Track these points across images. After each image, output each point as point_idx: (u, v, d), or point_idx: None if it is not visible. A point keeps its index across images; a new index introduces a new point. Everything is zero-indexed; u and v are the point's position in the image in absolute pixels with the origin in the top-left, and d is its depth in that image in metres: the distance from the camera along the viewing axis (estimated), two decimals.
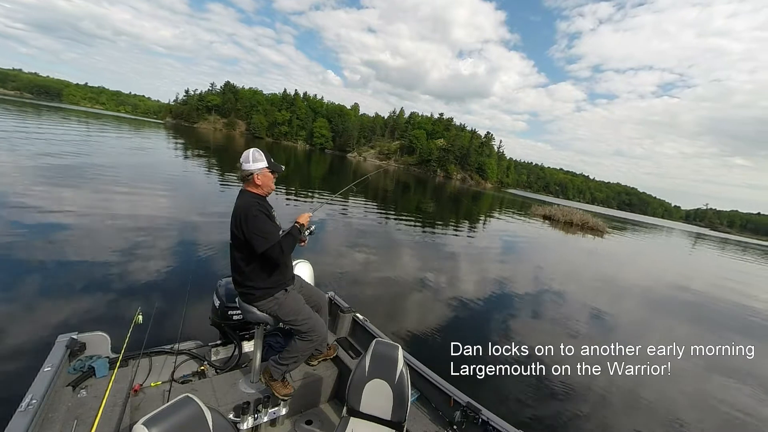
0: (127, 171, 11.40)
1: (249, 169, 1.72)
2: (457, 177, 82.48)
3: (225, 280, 2.26)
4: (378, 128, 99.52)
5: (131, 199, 8.15)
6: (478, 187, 73.12)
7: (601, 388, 3.54)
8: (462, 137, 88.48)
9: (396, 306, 4.95)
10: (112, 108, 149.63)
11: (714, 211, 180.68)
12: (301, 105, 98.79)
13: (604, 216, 43.24)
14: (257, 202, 1.69)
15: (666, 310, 7.79)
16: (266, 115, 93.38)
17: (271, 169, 1.77)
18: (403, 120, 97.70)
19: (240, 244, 1.70)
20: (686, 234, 57.70)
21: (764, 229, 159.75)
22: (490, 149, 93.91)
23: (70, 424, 1.49)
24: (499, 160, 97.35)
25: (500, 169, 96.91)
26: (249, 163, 1.72)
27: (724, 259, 25.30)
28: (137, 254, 5.01)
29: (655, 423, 3.27)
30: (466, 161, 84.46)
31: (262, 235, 1.63)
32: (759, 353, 2.48)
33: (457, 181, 76.86)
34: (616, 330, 5.75)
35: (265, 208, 1.73)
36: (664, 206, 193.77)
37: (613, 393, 3.52)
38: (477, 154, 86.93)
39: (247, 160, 1.73)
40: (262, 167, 1.74)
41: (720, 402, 3.96)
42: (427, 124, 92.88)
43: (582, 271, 10.27)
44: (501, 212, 26.28)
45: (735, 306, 9.33)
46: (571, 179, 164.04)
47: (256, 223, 1.63)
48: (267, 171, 1.75)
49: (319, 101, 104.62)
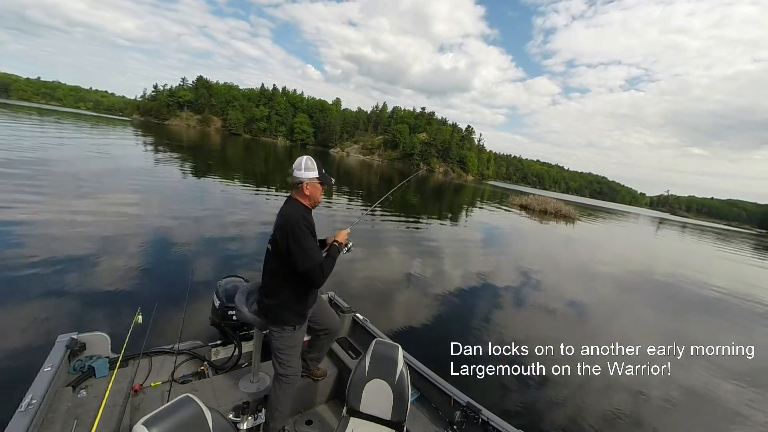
0: (107, 173, 10.89)
1: (300, 177, 1.65)
2: (439, 170, 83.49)
3: (225, 281, 2.28)
4: (361, 123, 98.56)
5: (130, 201, 8.03)
6: (459, 180, 74.44)
7: (601, 388, 3.52)
8: (443, 131, 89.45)
9: (395, 306, 4.94)
10: (71, 104, 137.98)
11: (674, 197, 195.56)
12: (280, 100, 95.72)
13: (577, 204, 45.34)
14: (305, 216, 1.62)
15: (657, 298, 8.18)
16: (243, 111, 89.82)
17: (321, 180, 1.69)
18: (386, 114, 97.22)
19: (279, 254, 1.61)
20: (650, 219, 61.03)
21: (716, 213, 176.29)
22: (470, 142, 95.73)
23: (70, 424, 1.48)
24: (479, 153, 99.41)
25: (481, 161, 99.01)
26: (301, 171, 1.66)
27: (684, 243, 27.45)
28: (137, 254, 4.98)
29: (656, 423, 3.25)
30: (448, 155, 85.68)
31: (306, 252, 1.55)
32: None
33: (439, 175, 77.78)
34: (612, 325, 5.73)
35: (311, 223, 1.65)
36: (631, 194, 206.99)
37: (613, 393, 3.51)
38: (458, 148, 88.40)
39: (299, 167, 1.66)
40: (313, 177, 1.66)
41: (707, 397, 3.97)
42: (410, 119, 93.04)
43: (568, 261, 10.87)
44: (483, 203, 27.00)
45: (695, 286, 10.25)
46: (548, 170, 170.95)
47: (303, 240, 1.55)
48: (317, 182, 1.68)
49: (299, 96, 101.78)
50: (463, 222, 15.59)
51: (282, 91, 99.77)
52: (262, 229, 7.41)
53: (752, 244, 34.60)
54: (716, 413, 3.71)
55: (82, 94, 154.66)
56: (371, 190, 21.03)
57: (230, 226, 7.30)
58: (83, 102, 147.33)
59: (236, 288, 2.16)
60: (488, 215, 19.49)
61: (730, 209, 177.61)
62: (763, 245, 36.04)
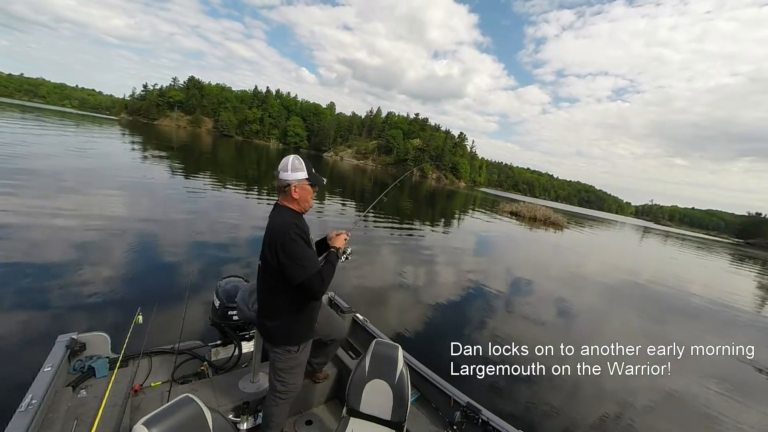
0: (109, 171, 10.82)
1: (286, 180, 1.47)
2: (432, 176, 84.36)
3: (225, 281, 2.28)
4: (355, 127, 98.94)
5: (129, 201, 8.00)
6: (452, 186, 75.24)
7: (601, 388, 3.51)
8: (437, 137, 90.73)
9: (394, 307, 4.95)
10: (55, 102, 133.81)
11: (658, 207, 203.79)
12: (274, 103, 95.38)
13: (566, 212, 46.35)
14: (295, 224, 1.44)
15: (644, 302, 8.50)
16: (236, 113, 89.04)
17: (310, 182, 1.51)
18: (380, 120, 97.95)
19: (271, 270, 1.44)
20: (635, 228, 63.07)
21: (697, 222, 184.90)
22: (463, 149, 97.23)
23: (70, 424, 1.48)
24: (471, 160, 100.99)
25: (473, 168, 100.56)
26: (287, 171, 1.47)
27: (665, 251, 28.51)
28: (137, 255, 4.97)
29: (655, 422, 3.25)
30: (441, 161, 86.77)
31: (300, 263, 1.39)
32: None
33: (432, 181, 78.59)
34: (610, 325, 5.80)
35: (303, 230, 1.46)
36: (617, 203, 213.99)
37: (613, 393, 3.50)
38: (451, 154, 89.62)
39: (285, 168, 1.48)
40: (301, 178, 1.48)
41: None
42: (404, 124, 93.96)
43: (558, 267, 11.15)
44: (475, 210, 27.43)
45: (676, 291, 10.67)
46: (537, 178, 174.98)
47: (295, 250, 1.39)
48: (306, 183, 1.49)
49: (292, 99, 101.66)
50: (456, 228, 15.79)
51: (275, 93, 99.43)
52: (261, 231, 7.38)
53: (729, 253, 36.15)
54: (708, 408, 3.78)
55: (67, 92, 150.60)
56: (364, 196, 21.09)
57: (230, 227, 7.29)
58: (68, 100, 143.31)
59: (236, 288, 2.18)
60: (480, 222, 19.77)
61: (709, 219, 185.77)
62: (738, 254, 37.59)
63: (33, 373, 1.55)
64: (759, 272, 21.96)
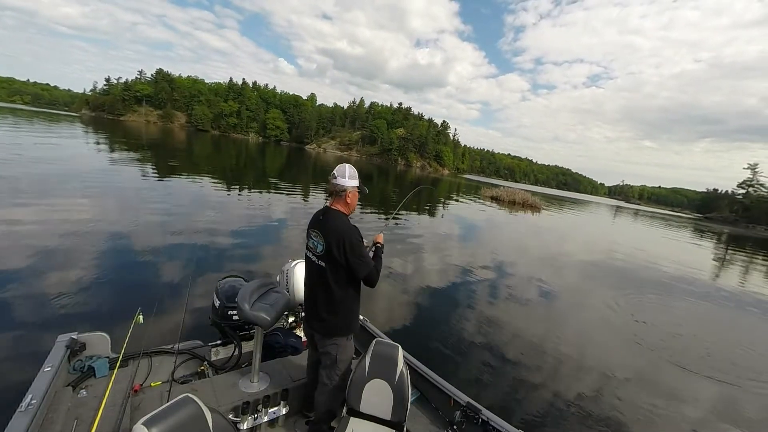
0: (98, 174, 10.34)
1: (344, 185, 1.65)
2: (416, 165, 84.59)
3: (225, 280, 2.29)
4: (338, 118, 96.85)
5: (129, 201, 7.93)
6: (436, 174, 75.98)
7: (601, 389, 3.49)
8: (420, 126, 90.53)
9: (393, 308, 4.86)
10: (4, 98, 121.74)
11: (629, 187, 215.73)
12: (251, 95, 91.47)
13: (544, 195, 47.82)
14: (356, 227, 1.66)
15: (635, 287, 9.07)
16: (210, 106, 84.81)
17: (359, 189, 1.72)
18: (364, 110, 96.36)
19: (338, 267, 1.61)
20: (608, 207, 66.15)
21: (663, 200, 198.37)
22: (446, 137, 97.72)
23: (70, 424, 1.48)
24: (454, 148, 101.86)
25: (456, 156, 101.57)
26: (345, 178, 1.65)
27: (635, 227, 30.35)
28: (137, 255, 4.93)
29: (655, 422, 3.19)
30: (425, 149, 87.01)
31: (364, 260, 1.61)
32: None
33: (416, 169, 78.71)
34: (611, 325, 5.59)
35: (360, 232, 1.68)
36: (592, 184, 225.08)
37: (613, 393, 3.48)
38: (434, 143, 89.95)
39: (343, 174, 1.66)
40: (355, 185, 1.68)
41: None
42: (387, 114, 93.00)
43: (538, 251, 11.68)
44: (459, 196, 27.97)
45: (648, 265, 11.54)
46: (518, 163, 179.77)
47: (360, 250, 1.61)
48: (356, 190, 1.70)
49: (271, 91, 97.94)
50: (441, 215, 16.11)
51: (252, 85, 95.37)
52: (261, 230, 7.49)
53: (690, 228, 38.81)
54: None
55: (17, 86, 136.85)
56: None
57: (230, 227, 7.19)
58: (19, 95, 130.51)
59: (236, 288, 2.19)
60: (464, 207, 20.28)
61: (674, 196, 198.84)
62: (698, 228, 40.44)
63: (33, 373, 1.55)
64: (700, 245, 23.85)
